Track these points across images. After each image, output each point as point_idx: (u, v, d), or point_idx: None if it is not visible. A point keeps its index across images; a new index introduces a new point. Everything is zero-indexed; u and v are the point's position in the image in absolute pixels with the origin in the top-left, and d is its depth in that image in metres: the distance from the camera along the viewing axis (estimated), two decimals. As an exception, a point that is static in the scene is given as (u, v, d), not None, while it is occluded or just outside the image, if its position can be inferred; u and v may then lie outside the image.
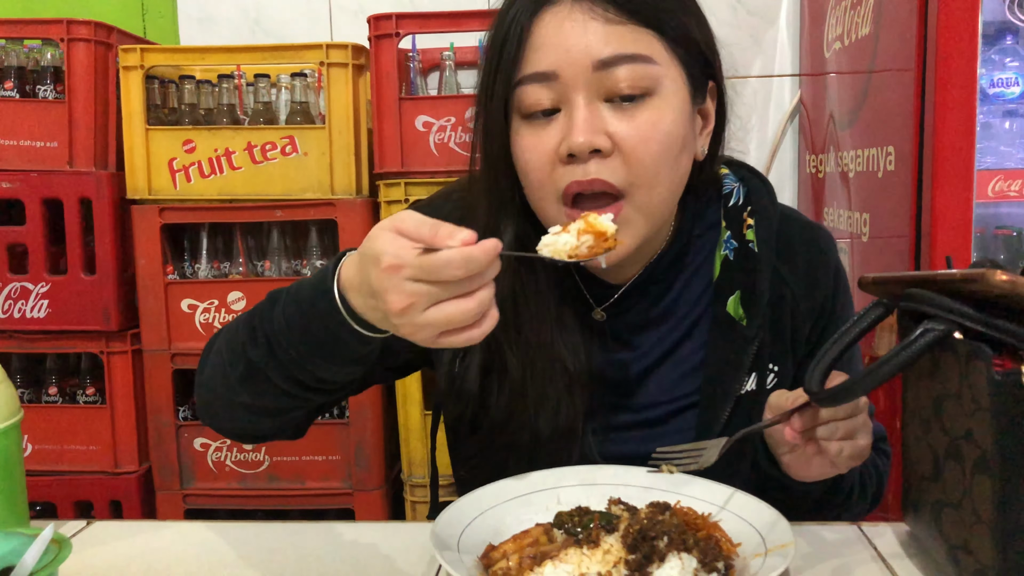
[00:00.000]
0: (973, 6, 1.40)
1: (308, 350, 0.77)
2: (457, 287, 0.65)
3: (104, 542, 0.89)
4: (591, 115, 0.82)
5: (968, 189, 1.44)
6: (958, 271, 0.67)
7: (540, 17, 0.83)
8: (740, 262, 0.94)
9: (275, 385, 0.81)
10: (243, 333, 0.82)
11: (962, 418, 0.68)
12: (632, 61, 0.81)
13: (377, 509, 2.01)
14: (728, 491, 0.84)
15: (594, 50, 0.81)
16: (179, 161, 1.94)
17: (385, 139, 1.93)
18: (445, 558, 0.70)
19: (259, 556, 0.85)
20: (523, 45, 0.83)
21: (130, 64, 1.91)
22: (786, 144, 2.29)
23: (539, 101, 0.83)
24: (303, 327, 0.76)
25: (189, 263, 2.03)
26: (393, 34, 1.90)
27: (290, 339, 0.77)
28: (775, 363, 0.94)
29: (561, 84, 0.82)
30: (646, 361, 0.96)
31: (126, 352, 1.99)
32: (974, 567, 0.67)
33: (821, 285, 0.97)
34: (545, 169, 0.84)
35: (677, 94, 0.85)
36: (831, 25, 1.96)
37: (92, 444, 2.01)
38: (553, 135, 0.84)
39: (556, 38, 0.82)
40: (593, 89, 0.82)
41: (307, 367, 0.78)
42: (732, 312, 0.93)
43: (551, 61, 0.82)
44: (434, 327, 0.66)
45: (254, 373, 0.81)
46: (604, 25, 0.81)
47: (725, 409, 0.92)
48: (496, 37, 0.85)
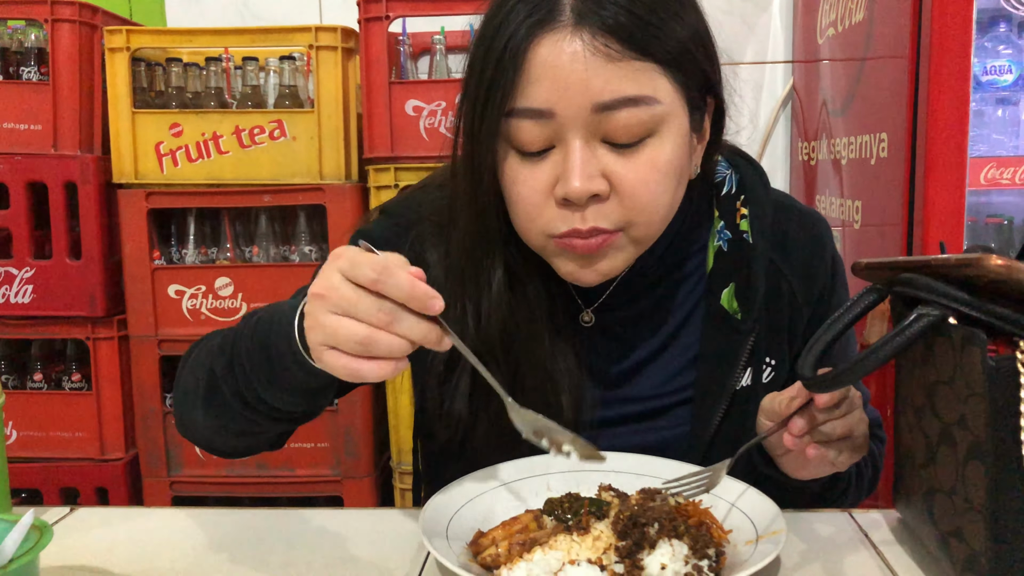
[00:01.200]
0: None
1: (258, 366, 0.76)
2: (371, 312, 0.65)
3: (88, 528, 0.88)
4: (588, 158, 0.76)
5: (961, 176, 1.43)
6: (953, 256, 0.66)
7: (537, 43, 0.75)
8: (734, 253, 0.92)
9: (228, 401, 0.80)
10: (215, 341, 0.82)
11: (956, 404, 0.67)
12: (634, 104, 0.75)
13: (366, 496, 2.00)
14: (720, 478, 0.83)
15: (594, 91, 0.74)
16: (166, 145, 1.92)
17: (375, 123, 1.91)
18: (434, 545, 0.69)
19: (246, 542, 0.84)
20: (518, 75, 0.75)
21: (116, 46, 1.89)
22: (778, 131, 2.28)
23: (532, 140, 0.78)
24: (263, 341, 0.75)
25: (176, 248, 2.01)
26: (383, 17, 1.88)
27: (249, 352, 0.77)
28: (771, 357, 0.93)
29: (557, 123, 0.76)
30: (639, 355, 0.94)
31: (112, 338, 1.97)
32: (966, 553, 0.67)
33: (819, 277, 0.95)
34: (537, 207, 0.80)
35: (677, 127, 0.80)
36: (824, 11, 1.95)
37: (78, 431, 1.99)
38: (547, 173, 0.78)
39: (554, 72, 0.74)
40: (590, 129, 0.76)
41: (253, 384, 0.77)
42: (726, 305, 0.91)
43: (548, 99, 0.75)
44: (322, 332, 0.66)
45: (214, 386, 0.81)
46: (606, 63, 0.74)
47: (720, 404, 0.90)
48: (486, 55, 0.77)
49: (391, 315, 0.65)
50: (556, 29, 0.75)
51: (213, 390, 0.81)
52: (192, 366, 0.87)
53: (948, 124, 1.42)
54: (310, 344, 0.69)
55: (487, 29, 0.79)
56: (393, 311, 0.65)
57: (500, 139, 0.80)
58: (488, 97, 0.77)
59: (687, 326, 0.93)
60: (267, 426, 0.83)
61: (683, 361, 0.93)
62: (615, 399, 0.93)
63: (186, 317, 1.96)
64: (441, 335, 0.68)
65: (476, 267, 0.87)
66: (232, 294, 1.96)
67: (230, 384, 0.79)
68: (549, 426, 0.71)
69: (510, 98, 0.76)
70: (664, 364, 0.93)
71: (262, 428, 0.83)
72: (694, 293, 0.94)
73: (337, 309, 0.66)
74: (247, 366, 0.77)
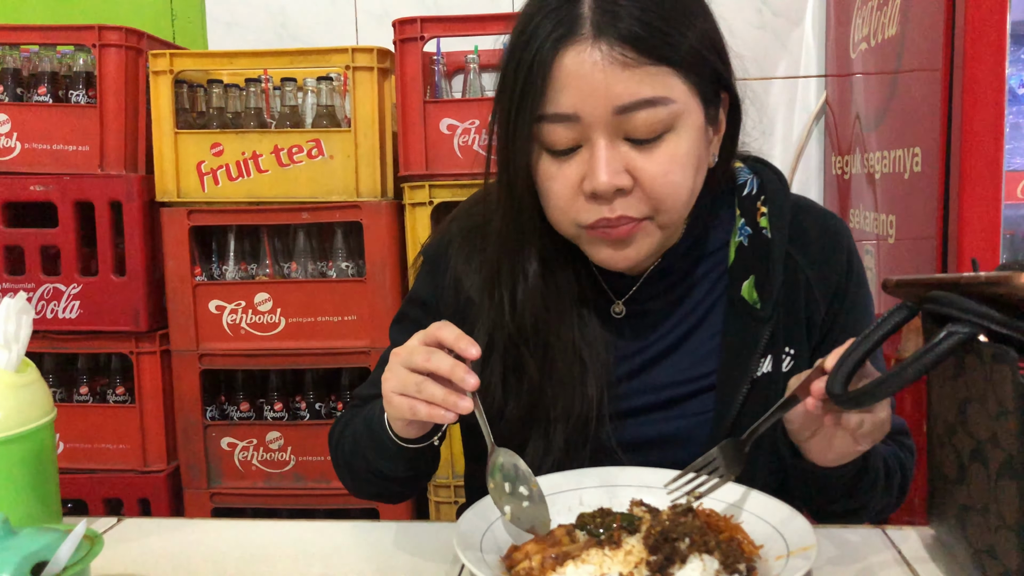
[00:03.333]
0: (1001, 6, 1.39)
1: (368, 444, 0.96)
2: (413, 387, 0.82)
3: (134, 539, 0.91)
4: (612, 155, 0.84)
5: (996, 190, 1.42)
6: (983, 274, 0.67)
7: (562, 55, 0.83)
8: (754, 248, 0.97)
9: (362, 474, 1.00)
10: (350, 431, 1.03)
11: (987, 421, 0.68)
12: (651, 105, 0.83)
13: (401, 509, 2.02)
14: (750, 493, 0.84)
15: (614, 96, 0.82)
16: (207, 164, 1.97)
17: (410, 142, 1.94)
18: (468, 557, 0.71)
19: (285, 553, 0.87)
20: (546, 84, 0.84)
21: (160, 69, 1.94)
22: (812, 145, 2.27)
23: (560, 140, 0.86)
24: (368, 426, 0.96)
25: (217, 264, 2.06)
26: (418, 38, 1.91)
27: (363, 435, 0.97)
28: (791, 346, 0.96)
29: (582, 125, 0.84)
30: (663, 345, 0.99)
31: (155, 352, 2.02)
32: (999, 571, 0.67)
33: (835, 269, 0.99)
34: (568, 200, 0.88)
35: (693, 122, 0.87)
36: (857, 26, 1.94)
37: (122, 443, 2.04)
38: (575, 169, 0.86)
39: (577, 80, 0.83)
40: (613, 129, 0.84)
41: (369, 458, 0.96)
42: (747, 296, 0.96)
43: (572, 104, 0.83)
44: (388, 404, 0.85)
45: (352, 465, 1.02)
46: (623, 70, 0.82)
47: (741, 391, 0.94)
48: (517, 68, 0.86)
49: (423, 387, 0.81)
50: (578, 42, 0.83)
51: (352, 468, 1.02)
52: (341, 447, 1.05)
53: (982, 138, 1.41)
54: (387, 413, 0.88)
55: (516, 44, 0.87)
56: (426, 383, 0.81)
57: (533, 142, 0.88)
58: (520, 105, 0.86)
59: (710, 317, 0.98)
60: (392, 487, 1.01)
61: (706, 350, 0.98)
62: (641, 388, 0.98)
63: (226, 332, 2.00)
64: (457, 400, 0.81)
65: (512, 260, 0.95)
66: (271, 309, 1.99)
67: (359, 461, 0.99)
68: (525, 474, 0.82)
69: (540, 105, 0.85)
70: (688, 352, 0.98)
71: (389, 489, 1.02)
72: (717, 286, 0.99)
73: (395, 388, 0.84)
74: (365, 446, 0.97)
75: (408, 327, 1.05)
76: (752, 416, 0.83)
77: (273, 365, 2.04)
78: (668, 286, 0.99)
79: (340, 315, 1.98)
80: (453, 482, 2.00)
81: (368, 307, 1.96)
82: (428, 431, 0.90)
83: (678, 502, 0.80)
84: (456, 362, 0.80)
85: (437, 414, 0.80)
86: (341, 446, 1.04)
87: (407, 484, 1.01)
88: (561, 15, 0.83)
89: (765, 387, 0.94)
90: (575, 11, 0.83)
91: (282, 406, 2.07)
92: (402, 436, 0.89)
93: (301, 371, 2.10)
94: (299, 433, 2.04)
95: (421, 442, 0.91)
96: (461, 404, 0.80)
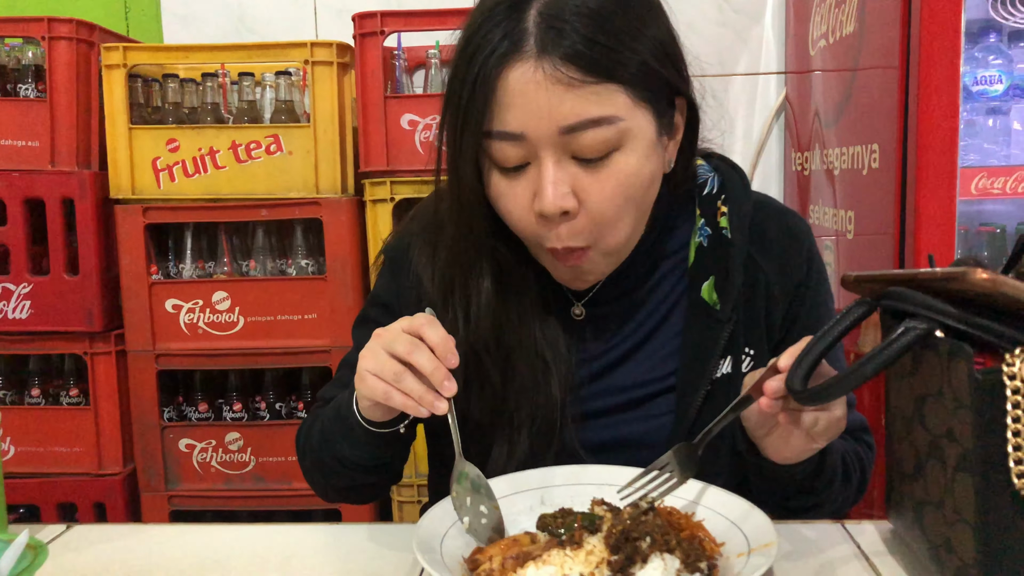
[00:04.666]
0: (956, 4, 1.41)
1: (338, 430, 0.93)
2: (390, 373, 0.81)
3: (84, 546, 0.89)
4: (559, 176, 0.82)
5: (952, 186, 1.44)
6: (939, 270, 0.67)
7: (506, 73, 0.80)
8: (713, 249, 0.96)
9: (330, 464, 0.97)
10: (318, 425, 0.99)
11: (944, 416, 0.68)
12: (597, 125, 0.81)
13: (364, 509, 2.00)
14: (711, 490, 0.84)
15: (559, 117, 0.80)
16: (163, 160, 1.93)
17: (370, 138, 1.92)
18: (427, 560, 0.70)
19: (242, 558, 0.85)
20: (490, 101, 0.82)
21: (113, 63, 1.90)
22: (772, 142, 2.29)
23: (509, 158, 0.84)
24: (337, 411, 0.94)
25: (173, 263, 2.02)
26: (378, 32, 1.89)
27: (332, 421, 0.95)
28: (750, 347, 0.96)
29: (529, 143, 0.82)
30: (624, 348, 0.98)
31: (110, 353, 1.97)
32: (956, 565, 0.68)
33: (794, 269, 0.98)
34: (524, 219, 0.87)
35: (644, 137, 0.84)
36: (816, 23, 1.96)
37: (76, 446, 1.99)
38: (525, 188, 0.85)
39: (522, 99, 0.80)
40: (560, 148, 0.82)
41: (338, 445, 0.94)
42: (706, 297, 0.95)
43: (518, 123, 0.81)
44: (362, 383, 0.83)
45: (320, 458, 0.99)
46: (567, 90, 0.79)
47: (701, 392, 0.93)
48: (462, 87, 0.83)
49: (401, 378, 0.80)
50: (521, 60, 0.80)
51: (319, 460, 0.99)
52: (309, 442, 1.02)
53: (939, 134, 1.43)
54: (357, 391, 0.86)
55: (462, 56, 0.84)
56: (405, 375, 0.80)
57: (483, 155, 0.86)
58: (466, 120, 0.84)
59: (670, 318, 0.98)
60: (359, 478, 0.97)
61: (666, 352, 0.97)
62: (603, 390, 0.97)
63: (184, 331, 1.96)
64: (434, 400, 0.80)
65: (465, 275, 0.94)
66: (229, 308, 1.96)
67: (327, 451, 0.96)
68: (488, 491, 0.82)
69: (485, 121, 0.83)
70: (648, 354, 0.98)
71: (356, 480, 0.98)
72: (677, 287, 0.98)
73: (372, 369, 0.82)
74: (333, 432, 0.94)
75: (371, 330, 1.03)
76: (712, 417, 0.83)
77: (232, 365, 2.00)
78: (628, 288, 0.98)
79: (300, 314, 1.95)
80: (416, 481, 1.98)
81: (329, 305, 1.94)
82: (394, 417, 0.88)
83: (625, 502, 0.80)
84: (438, 364, 0.79)
85: (410, 406, 0.79)
86: (309, 443, 1.01)
87: (375, 473, 0.97)
88: (507, 28, 0.81)
89: (725, 388, 0.94)
90: (520, 25, 0.80)
91: (241, 406, 2.04)
92: (368, 417, 0.88)
93: (261, 371, 2.07)
94: (259, 434, 2.01)
95: (387, 427, 0.89)
96: (438, 405, 0.79)
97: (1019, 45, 1.65)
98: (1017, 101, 1.65)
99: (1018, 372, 0.62)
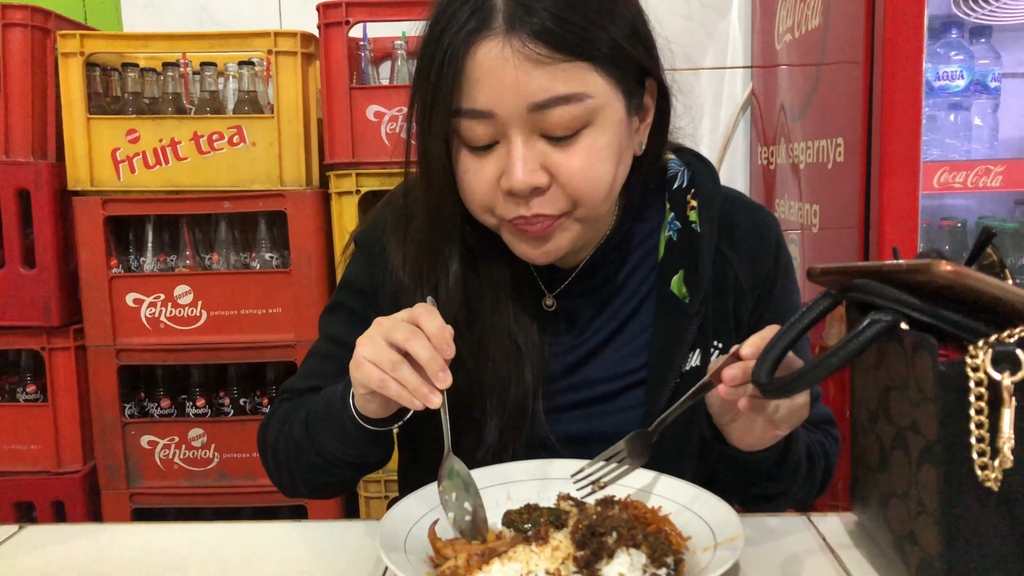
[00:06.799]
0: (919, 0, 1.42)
1: (325, 425, 0.91)
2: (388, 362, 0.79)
3: (38, 547, 0.86)
4: (528, 153, 0.82)
5: (915, 181, 1.45)
6: (904, 262, 0.67)
7: (475, 49, 0.80)
8: (683, 242, 0.97)
9: (312, 460, 0.94)
10: (300, 415, 0.96)
11: (908, 408, 0.68)
12: (566, 102, 0.81)
13: (330, 506, 1.98)
14: (678, 484, 0.83)
15: (528, 93, 0.80)
16: (122, 151, 1.89)
17: (335, 129, 1.90)
18: (391, 559, 0.69)
19: (203, 558, 0.83)
20: (459, 78, 0.81)
21: (69, 50, 1.85)
22: (738, 136, 2.30)
23: (478, 136, 0.84)
24: (328, 405, 0.90)
25: (134, 256, 1.98)
26: (343, 22, 1.86)
27: (319, 414, 0.92)
28: (719, 339, 0.96)
29: (497, 122, 0.82)
30: (595, 341, 0.98)
31: (68, 348, 1.93)
32: (920, 557, 0.68)
33: (762, 263, 0.99)
34: (487, 195, 0.86)
35: (613, 115, 0.85)
36: (782, 17, 1.97)
37: (33, 443, 1.95)
38: (493, 165, 0.85)
39: (490, 76, 0.80)
40: (529, 126, 0.82)
41: (323, 440, 0.91)
42: (676, 291, 0.96)
43: (486, 100, 0.81)
44: (358, 369, 0.80)
45: (300, 449, 0.95)
46: (535, 67, 0.79)
47: (670, 385, 0.94)
48: (431, 64, 0.83)
49: (399, 368, 0.79)
50: (489, 37, 0.80)
51: (298, 456, 0.96)
52: (281, 438, 0.99)
53: (902, 129, 1.44)
54: (352, 378, 0.83)
55: (431, 33, 0.84)
56: (402, 365, 0.79)
57: (452, 135, 0.86)
58: (435, 99, 0.83)
59: (640, 312, 0.98)
60: (340, 474, 0.95)
61: (636, 345, 0.97)
62: (574, 384, 0.97)
63: (145, 326, 1.93)
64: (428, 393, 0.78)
65: (434, 258, 0.94)
66: (192, 302, 1.93)
67: (310, 447, 0.93)
68: (475, 491, 0.80)
69: (454, 99, 0.82)
70: (618, 348, 0.98)
71: (337, 477, 0.96)
72: (647, 281, 0.99)
73: (370, 356, 0.80)
74: (320, 428, 0.91)
75: (344, 317, 1.03)
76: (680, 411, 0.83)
77: (195, 360, 1.97)
78: (599, 281, 0.98)
79: (264, 308, 1.92)
80: (384, 477, 1.97)
81: (293, 299, 1.91)
82: (391, 415, 0.86)
83: (580, 493, 0.81)
84: (435, 354, 0.78)
85: (404, 397, 0.78)
86: (283, 438, 0.98)
87: (359, 471, 0.96)
88: (475, 5, 0.81)
89: (694, 381, 0.92)
90: (488, 2, 0.80)
91: (205, 402, 2.01)
92: (363, 411, 0.85)
93: (224, 366, 2.03)
94: (223, 430, 1.98)
95: (382, 425, 0.87)
96: (432, 399, 0.78)
97: (980, 41, 1.67)
98: (978, 97, 1.68)
99: (981, 364, 0.62)
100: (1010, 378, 0.61)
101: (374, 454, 0.92)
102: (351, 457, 0.91)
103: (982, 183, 1.52)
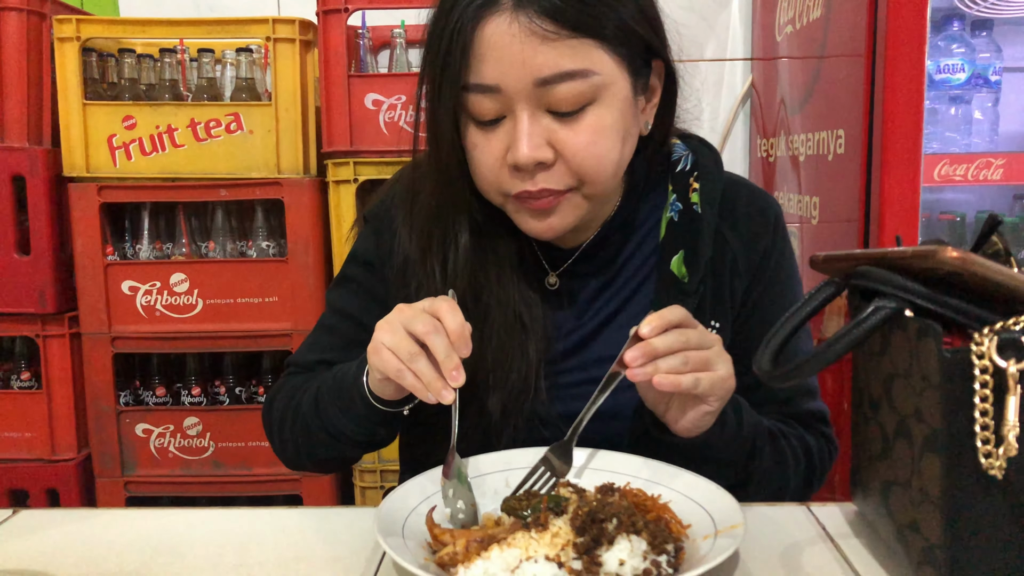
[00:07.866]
0: (923, -9, 1.41)
1: (335, 401, 0.92)
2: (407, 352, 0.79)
3: (33, 531, 0.85)
4: (534, 128, 0.84)
5: (915, 173, 1.45)
6: (909, 248, 0.66)
7: (482, 27, 0.82)
8: (684, 223, 0.98)
9: (317, 435, 0.95)
10: (312, 387, 0.97)
11: (912, 396, 0.68)
12: (572, 78, 0.82)
13: (326, 495, 1.98)
14: (679, 472, 0.83)
15: (534, 69, 0.81)
16: (119, 138, 1.87)
17: (333, 117, 1.88)
18: (389, 544, 0.68)
19: (198, 543, 0.82)
20: (467, 53, 0.83)
21: (65, 35, 1.84)
22: (738, 128, 2.29)
23: (485, 111, 0.85)
24: (339, 382, 0.92)
25: (130, 243, 1.97)
26: (342, 9, 1.85)
27: (330, 390, 0.93)
28: (716, 319, 0.97)
29: (504, 97, 0.83)
30: (596, 320, 0.99)
31: (63, 335, 1.92)
32: (922, 546, 0.67)
33: (760, 243, 1.00)
34: (494, 170, 0.87)
35: (619, 93, 0.86)
36: (783, 8, 1.96)
37: (27, 431, 1.94)
38: (500, 140, 0.86)
39: (497, 52, 0.82)
40: (535, 102, 0.83)
41: (332, 417, 0.92)
42: (675, 271, 0.96)
43: (494, 75, 0.82)
44: (376, 355, 0.81)
45: (307, 424, 0.97)
46: (542, 43, 0.81)
47: None
48: (440, 40, 0.85)
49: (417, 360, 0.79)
50: (497, 12, 0.82)
51: (305, 429, 0.97)
52: (289, 409, 1.00)
53: (903, 121, 1.44)
54: (369, 363, 0.83)
55: (441, 9, 0.86)
56: (419, 357, 0.79)
57: (461, 111, 0.87)
58: (444, 74, 0.85)
59: (641, 292, 0.99)
60: (346, 451, 0.96)
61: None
62: (576, 365, 0.98)
63: (140, 314, 1.92)
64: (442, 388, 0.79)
65: (443, 230, 0.95)
66: (188, 290, 1.92)
67: (318, 422, 0.95)
68: (468, 484, 0.81)
69: (462, 75, 0.84)
70: (620, 327, 0.98)
71: (342, 453, 0.97)
72: (649, 261, 1.00)
73: (389, 344, 0.80)
74: (330, 404, 0.92)
75: (352, 290, 1.04)
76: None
77: (190, 348, 1.96)
78: (602, 261, 0.99)
79: (261, 296, 1.91)
80: (379, 466, 1.96)
81: (290, 288, 1.90)
82: (403, 397, 0.87)
83: None
84: (452, 352, 0.79)
85: (419, 390, 0.79)
86: (291, 409, 0.99)
87: (365, 448, 0.97)
88: None
89: None
90: None
91: (200, 391, 2.00)
92: (378, 393, 0.86)
93: (220, 354, 2.03)
94: (218, 418, 1.97)
95: (392, 407, 0.88)
96: (445, 395, 0.78)
97: (981, 35, 1.66)
98: (978, 90, 1.67)
99: (986, 352, 0.61)
100: (1015, 366, 0.60)
101: (383, 433, 0.93)
102: (359, 435, 0.93)
103: (983, 176, 1.52)
